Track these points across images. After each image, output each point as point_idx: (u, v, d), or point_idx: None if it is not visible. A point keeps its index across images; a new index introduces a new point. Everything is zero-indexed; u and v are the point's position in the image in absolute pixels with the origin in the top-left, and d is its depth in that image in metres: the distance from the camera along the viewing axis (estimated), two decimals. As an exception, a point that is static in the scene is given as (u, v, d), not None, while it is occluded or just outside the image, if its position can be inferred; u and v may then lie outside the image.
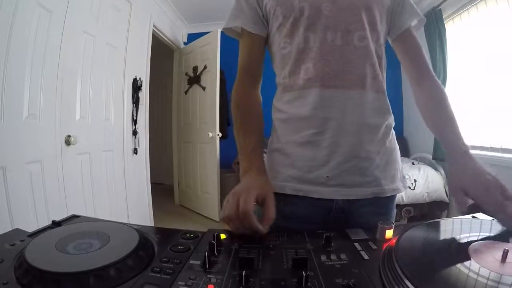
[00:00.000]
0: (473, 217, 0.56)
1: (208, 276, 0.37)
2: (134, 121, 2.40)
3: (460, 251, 0.39)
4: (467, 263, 0.36)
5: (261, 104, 0.75)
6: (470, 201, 0.53)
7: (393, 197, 0.71)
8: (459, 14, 2.57)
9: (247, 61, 0.74)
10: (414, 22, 0.72)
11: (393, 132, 0.71)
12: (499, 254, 0.36)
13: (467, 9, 2.47)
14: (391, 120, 0.70)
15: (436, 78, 0.72)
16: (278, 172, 0.68)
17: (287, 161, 0.67)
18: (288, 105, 0.68)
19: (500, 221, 0.48)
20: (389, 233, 0.47)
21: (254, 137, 0.68)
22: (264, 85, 0.78)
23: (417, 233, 0.46)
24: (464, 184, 0.55)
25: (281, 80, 0.70)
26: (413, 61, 0.73)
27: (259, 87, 0.76)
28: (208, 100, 3.07)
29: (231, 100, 0.74)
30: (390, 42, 0.75)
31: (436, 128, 0.70)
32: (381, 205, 0.68)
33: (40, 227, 0.51)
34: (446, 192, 2.56)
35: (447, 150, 0.64)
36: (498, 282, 0.32)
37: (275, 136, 0.72)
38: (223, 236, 0.49)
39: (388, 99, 0.69)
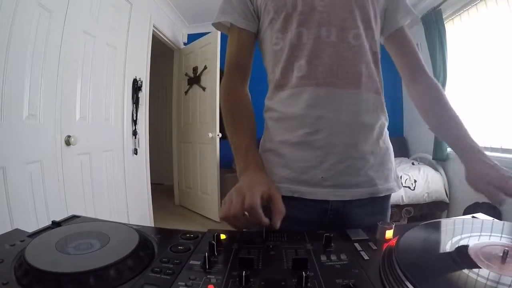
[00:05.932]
0: (473, 217, 0.56)
1: (208, 276, 0.37)
2: (134, 121, 2.40)
3: (460, 251, 0.39)
4: (467, 263, 0.36)
5: (251, 100, 0.72)
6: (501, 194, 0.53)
7: (388, 196, 0.70)
8: (459, 14, 2.57)
9: (236, 57, 0.72)
10: (407, 21, 0.71)
11: (386, 131, 0.71)
12: (499, 254, 0.36)
13: (467, 9, 2.47)
14: (385, 120, 0.69)
15: (431, 75, 0.71)
16: (272, 173, 0.66)
17: (281, 162, 0.66)
18: (280, 103, 0.67)
19: None
20: (389, 234, 0.47)
21: (248, 133, 0.66)
22: (257, 84, 0.76)
23: (417, 234, 0.46)
24: (490, 177, 0.55)
25: (273, 78, 0.69)
26: (408, 59, 0.72)
27: (247, 84, 0.74)
28: (208, 100, 3.08)
29: (220, 96, 0.72)
30: (382, 40, 0.74)
31: (441, 129, 0.69)
32: (376, 205, 0.68)
33: (40, 227, 0.51)
34: (446, 192, 2.57)
35: (459, 150, 0.64)
36: (498, 282, 0.32)
37: (267, 136, 0.71)
38: (223, 236, 0.49)
39: (383, 99, 0.69)
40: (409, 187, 2.46)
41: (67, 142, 1.64)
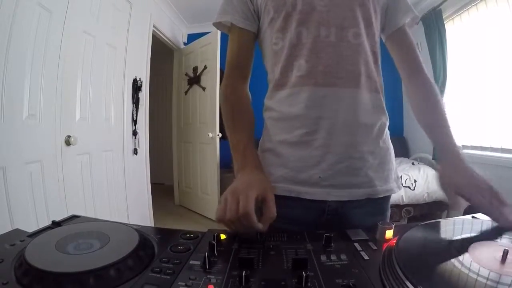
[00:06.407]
0: (473, 217, 0.56)
1: (208, 276, 0.37)
2: (134, 121, 2.40)
3: (460, 251, 0.39)
4: (467, 263, 0.36)
5: (251, 100, 0.73)
6: (463, 201, 0.54)
7: (387, 197, 0.70)
8: (459, 14, 2.57)
9: (236, 57, 0.72)
10: (408, 19, 0.72)
11: (387, 131, 0.70)
12: (499, 254, 0.36)
13: (467, 9, 2.47)
14: (385, 120, 0.69)
15: (428, 76, 0.71)
16: (270, 172, 0.65)
17: (279, 161, 0.66)
18: (279, 103, 0.67)
19: (494, 220, 0.49)
20: (389, 234, 0.47)
21: (246, 132, 0.66)
22: (256, 84, 0.76)
23: (417, 234, 0.46)
24: (457, 184, 0.55)
25: (272, 78, 0.69)
26: (406, 58, 0.72)
27: (247, 83, 0.75)
28: (208, 100, 3.08)
29: (220, 95, 0.72)
30: (383, 39, 0.74)
31: (427, 127, 0.69)
32: (375, 206, 0.67)
33: (40, 227, 0.51)
34: (446, 192, 2.56)
35: (439, 150, 0.64)
36: (498, 282, 0.32)
37: (266, 136, 0.71)
38: (223, 236, 0.49)
39: (383, 98, 0.68)
40: (409, 187, 2.46)
41: (67, 142, 1.64)
